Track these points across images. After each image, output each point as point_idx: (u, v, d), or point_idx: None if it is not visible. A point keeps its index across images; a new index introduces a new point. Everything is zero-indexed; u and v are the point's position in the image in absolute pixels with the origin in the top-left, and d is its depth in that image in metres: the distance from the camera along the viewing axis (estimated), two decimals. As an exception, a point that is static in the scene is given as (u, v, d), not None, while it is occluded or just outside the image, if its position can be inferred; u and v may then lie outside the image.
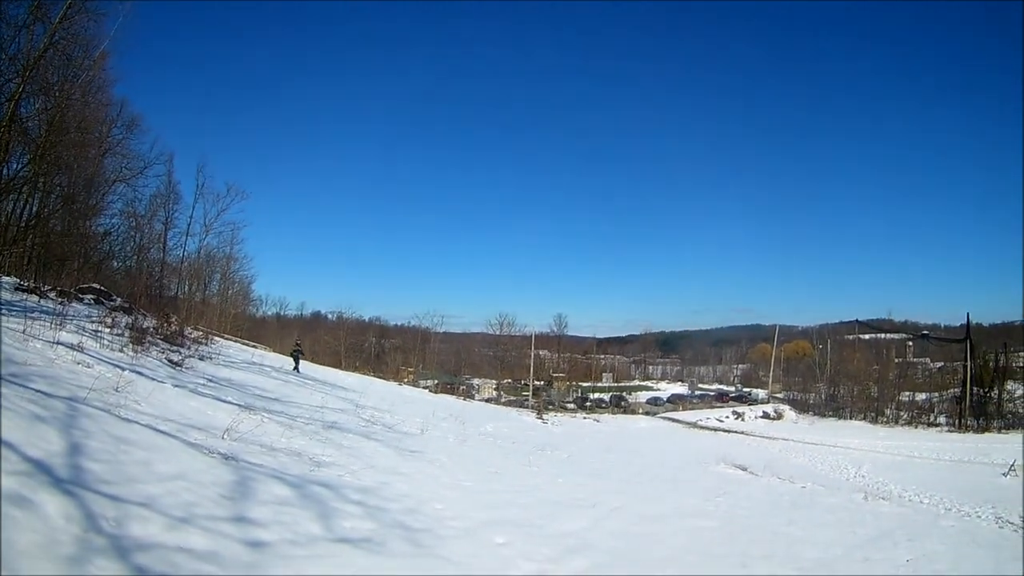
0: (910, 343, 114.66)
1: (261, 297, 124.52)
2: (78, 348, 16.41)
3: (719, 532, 12.72)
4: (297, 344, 49.79)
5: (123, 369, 16.11)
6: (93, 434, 9.20)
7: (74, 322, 21.58)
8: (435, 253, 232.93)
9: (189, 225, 74.09)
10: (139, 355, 20.44)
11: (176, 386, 17.00)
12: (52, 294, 28.26)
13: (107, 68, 43.41)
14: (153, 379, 16.79)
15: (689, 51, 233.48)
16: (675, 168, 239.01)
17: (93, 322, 23.63)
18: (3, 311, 17.44)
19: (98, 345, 18.91)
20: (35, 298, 24.83)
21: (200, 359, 27.86)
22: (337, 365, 79.40)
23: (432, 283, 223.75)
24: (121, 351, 19.72)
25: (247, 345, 57.33)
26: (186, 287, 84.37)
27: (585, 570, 8.87)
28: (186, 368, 22.45)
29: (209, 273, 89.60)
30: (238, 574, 6.57)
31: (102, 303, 31.68)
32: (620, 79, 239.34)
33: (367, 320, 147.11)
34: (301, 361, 45.42)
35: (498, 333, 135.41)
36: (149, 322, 30.50)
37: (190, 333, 36.18)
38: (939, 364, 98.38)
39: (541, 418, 60.61)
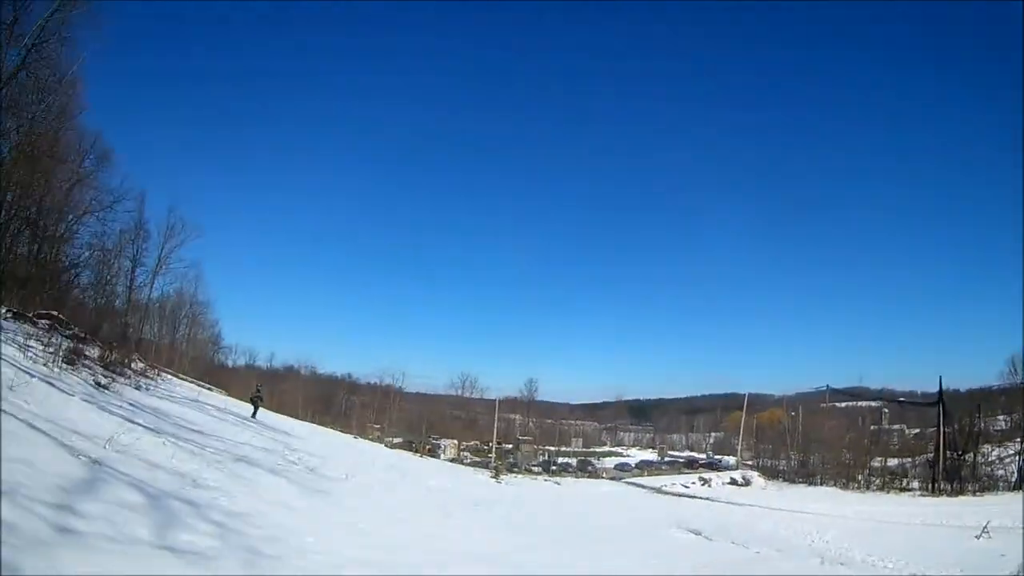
0: (885, 410, 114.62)
1: (231, 346, 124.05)
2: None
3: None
4: (257, 390, 48.81)
5: (32, 376, 15.99)
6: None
7: (10, 335, 21.57)
8: (404, 312, 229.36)
9: (157, 264, 73.69)
10: (63, 372, 20.27)
11: (85, 401, 16.88)
12: (3, 312, 28.13)
13: (79, 96, 43.72)
14: (62, 391, 16.69)
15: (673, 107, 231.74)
16: (649, 232, 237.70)
17: (30, 339, 23.63)
18: None
19: (21, 355, 18.82)
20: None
21: (135, 388, 27.72)
22: (302, 417, 78.72)
23: (402, 340, 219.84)
24: (45, 366, 19.54)
25: (202, 387, 56.46)
26: (153, 327, 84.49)
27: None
28: (111, 391, 22.11)
29: (177, 316, 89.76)
30: (29, 546, 6.40)
31: (56, 330, 31.27)
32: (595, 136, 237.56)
33: (339, 376, 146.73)
34: (260, 408, 44.33)
35: (460, 394, 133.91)
36: (92, 350, 30.19)
37: (136, 366, 35.85)
38: (915, 431, 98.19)
39: (496, 478, 60.01)
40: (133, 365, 35.08)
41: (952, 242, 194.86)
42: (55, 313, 35.50)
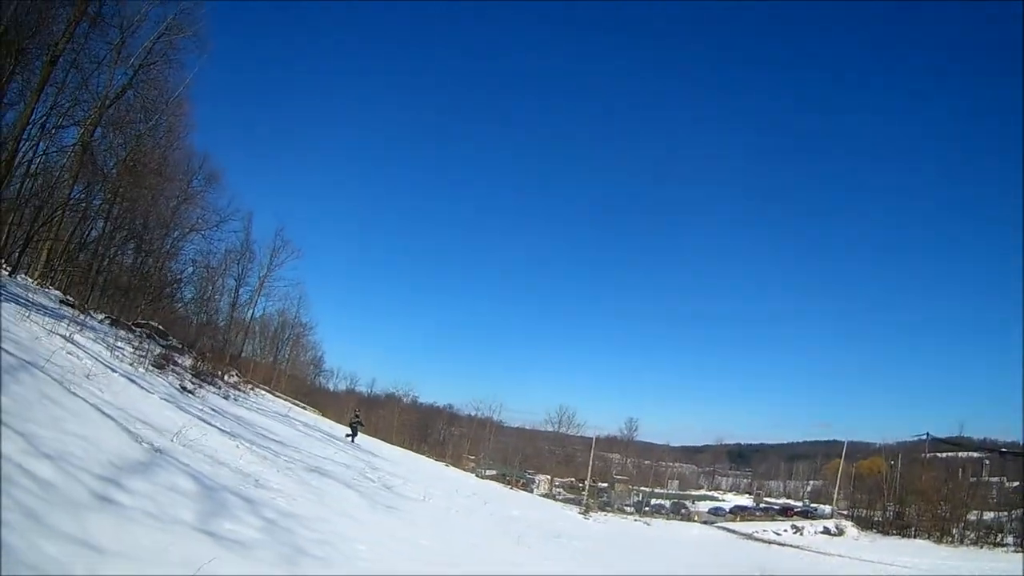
0: (986, 461, 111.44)
1: (332, 369, 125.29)
2: (81, 347, 16.47)
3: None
4: (356, 414, 48.53)
5: (113, 371, 16.13)
6: (27, 388, 9.53)
7: (102, 336, 22.13)
8: (507, 344, 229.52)
9: (260, 284, 74.96)
10: (149, 373, 20.45)
11: (164, 400, 16.95)
12: (100, 317, 28.76)
13: (187, 116, 44.91)
14: (142, 387, 16.81)
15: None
16: (757, 273, 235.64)
17: (121, 342, 23.93)
18: (32, 311, 17.61)
19: (108, 353, 18.98)
20: (74, 311, 25.10)
21: (223, 397, 27.97)
22: (396, 444, 78.80)
23: (503, 373, 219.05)
24: (131, 365, 19.71)
25: (295, 404, 57.01)
26: (256, 346, 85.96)
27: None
28: (195, 396, 22.27)
29: (280, 337, 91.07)
30: (62, 506, 6.51)
31: (152, 338, 31.84)
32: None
33: (440, 406, 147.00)
34: (359, 433, 43.96)
35: (557, 429, 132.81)
36: (186, 359, 30.67)
37: (229, 378, 36.35)
38: (1015, 483, 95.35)
39: (585, 515, 59.44)
40: (226, 377, 35.58)
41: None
42: (154, 323, 36.21)
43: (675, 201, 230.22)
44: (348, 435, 41.64)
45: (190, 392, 22.20)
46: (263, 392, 48.79)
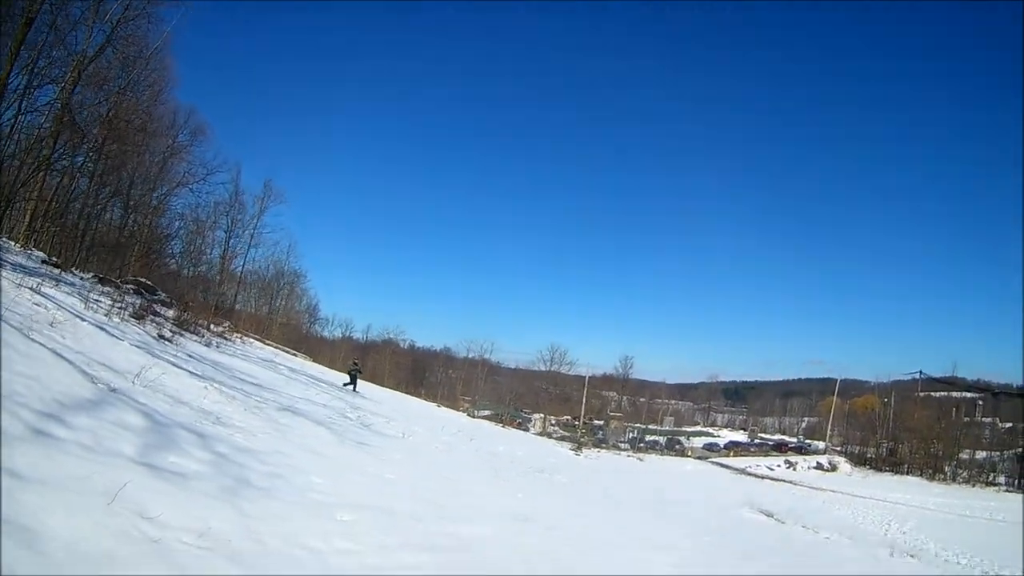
0: (980, 402, 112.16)
1: (327, 317, 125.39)
2: (50, 299, 16.77)
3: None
4: (355, 363, 48.28)
5: (83, 320, 16.44)
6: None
7: (80, 290, 22.31)
8: (501, 284, 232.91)
9: (252, 236, 75.05)
10: (125, 323, 20.67)
11: (135, 346, 17.13)
12: (86, 275, 28.92)
13: (169, 71, 44.73)
14: (112, 335, 16.98)
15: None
16: (749, 216, 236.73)
17: (104, 296, 24.20)
18: (6, 269, 17.71)
19: (83, 306, 19.19)
20: (56, 271, 25.30)
21: (205, 345, 28.09)
22: (391, 387, 78.89)
23: (500, 315, 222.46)
24: (105, 316, 19.87)
25: (286, 352, 57.69)
26: (251, 297, 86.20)
27: (404, 569, 8.18)
28: (172, 343, 22.39)
29: (275, 287, 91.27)
30: None
31: (142, 294, 31.98)
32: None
33: (437, 350, 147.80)
34: (359, 380, 43.64)
35: (548, 368, 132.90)
36: (170, 311, 30.81)
37: (216, 328, 36.49)
38: (1008, 424, 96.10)
39: (577, 451, 59.77)
40: (212, 327, 35.71)
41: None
42: (143, 279, 36.38)
43: (672, 140, 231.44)
44: (347, 383, 41.51)
45: (167, 340, 22.29)
46: (252, 341, 48.96)
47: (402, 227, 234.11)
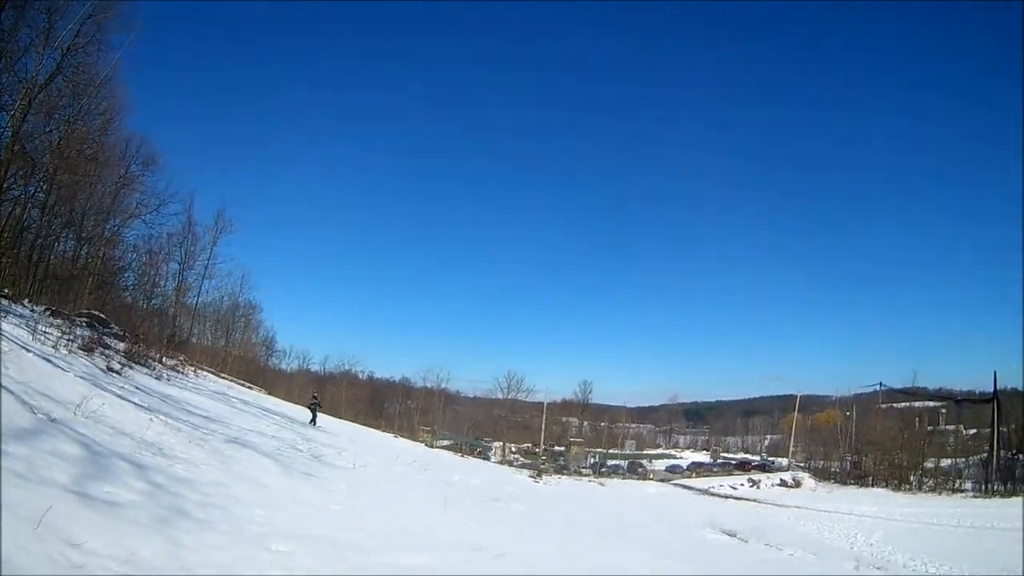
0: (943, 410, 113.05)
1: (284, 349, 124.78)
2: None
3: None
4: (314, 397, 48.69)
5: (28, 351, 16.32)
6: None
7: (29, 322, 22.06)
8: (457, 316, 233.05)
9: (206, 267, 74.54)
10: (73, 355, 20.57)
11: (81, 377, 16.94)
12: (38, 308, 28.69)
13: (121, 100, 44.47)
14: (58, 367, 16.80)
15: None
16: (700, 235, 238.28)
17: (54, 328, 23.94)
18: None
19: (30, 337, 19.09)
20: (7, 302, 25.11)
21: (156, 378, 27.80)
22: (348, 419, 78.41)
23: (454, 344, 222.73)
24: (53, 347, 19.79)
25: (241, 385, 57.16)
26: (207, 330, 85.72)
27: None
28: (121, 376, 22.14)
29: (231, 320, 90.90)
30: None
31: (95, 327, 31.72)
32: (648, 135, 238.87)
33: (396, 380, 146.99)
34: (319, 414, 43.92)
35: (506, 396, 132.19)
36: (121, 344, 30.59)
37: (169, 361, 36.27)
38: (972, 431, 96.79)
39: (537, 478, 59.64)
40: (164, 360, 35.48)
41: (1004, 238, 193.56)
42: (96, 312, 36.09)
43: (624, 158, 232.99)
44: (310, 420, 41.46)
45: (115, 372, 22.06)
46: (207, 374, 48.63)
47: (357, 256, 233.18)
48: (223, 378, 55.36)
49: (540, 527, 22.54)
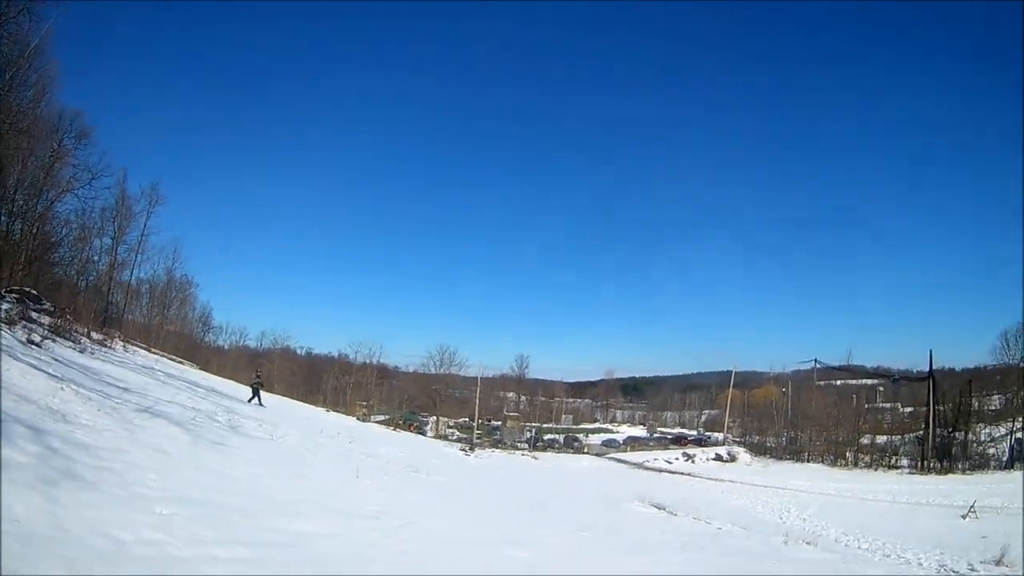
0: (880, 388, 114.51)
1: (221, 325, 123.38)
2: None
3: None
4: (257, 375, 48.28)
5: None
6: None
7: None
8: (393, 287, 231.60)
9: (140, 242, 73.72)
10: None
11: (-6, 347, 16.83)
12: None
13: (53, 73, 43.88)
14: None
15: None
16: (638, 211, 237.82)
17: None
18: None
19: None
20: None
21: (79, 351, 27.68)
22: (283, 394, 77.74)
23: (392, 319, 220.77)
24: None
25: (171, 359, 56.57)
26: (143, 306, 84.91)
27: (210, 561, 8.16)
28: (41, 348, 22.19)
29: (168, 296, 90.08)
30: None
31: (24, 303, 31.57)
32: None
33: (334, 355, 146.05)
34: (261, 393, 42.45)
35: (439, 370, 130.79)
36: (47, 318, 30.50)
37: (96, 336, 36.13)
38: (909, 409, 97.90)
39: (468, 451, 59.91)
40: (93, 335, 35.35)
41: (946, 220, 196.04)
42: (28, 288, 35.87)
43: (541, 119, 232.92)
44: (251, 398, 40.61)
45: (35, 345, 22.14)
46: (137, 349, 48.21)
47: (292, 230, 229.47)
48: (155, 353, 54.77)
49: (456, 499, 22.69)
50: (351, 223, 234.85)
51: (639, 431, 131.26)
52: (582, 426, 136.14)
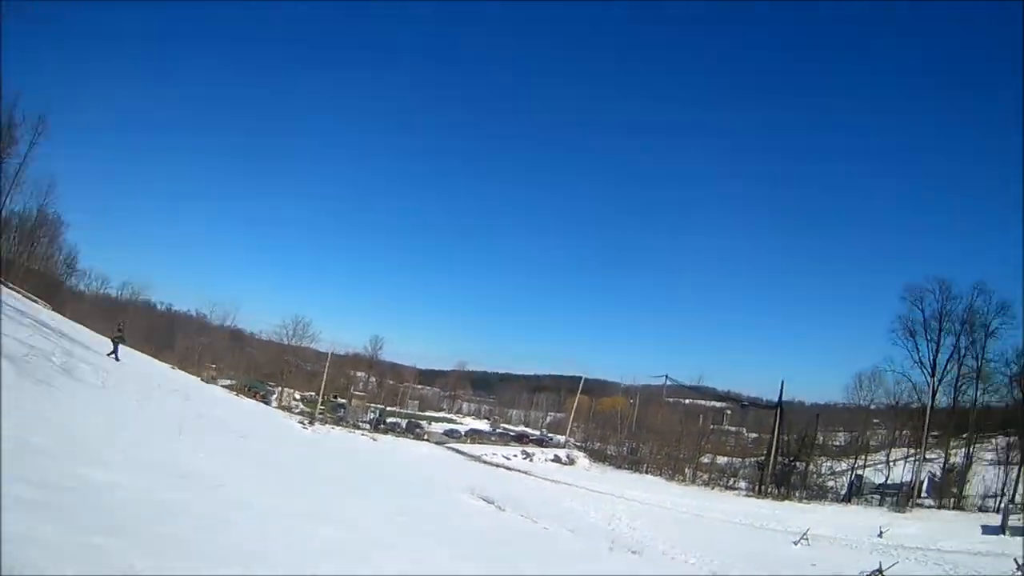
0: (728, 411, 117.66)
1: (86, 270, 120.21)
2: None
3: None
4: (119, 328, 46.48)
5: None
6: None
7: None
8: (251, 248, 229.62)
9: (17, 173, 71.36)
10: None
11: None
12: None
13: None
14: None
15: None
16: (502, 207, 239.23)
17: None
18: None
19: None
20: None
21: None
22: (140, 349, 76.08)
23: (251, 284, 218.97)
24: None
25: (26, 296, 54.76)
26: (10, 240, 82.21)
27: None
28: None
29: (36, 233, 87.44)
30: None
31: None
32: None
33: (193, 314, 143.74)
34: (120, 348, 41.62)
35: (291, 341, 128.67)
36: None
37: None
38: (754, 435, 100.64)
39: (307, 425, 59.70)
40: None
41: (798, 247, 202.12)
42: None
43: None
44: (110, 352, 39.52)
45: None
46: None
47: (163, 174, 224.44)
48: (10, 288, 53.21)
49: (278, 470, 22.27)
50: (228, 177, 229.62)
51: (483, 425, 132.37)
52: (427, 413, 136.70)
